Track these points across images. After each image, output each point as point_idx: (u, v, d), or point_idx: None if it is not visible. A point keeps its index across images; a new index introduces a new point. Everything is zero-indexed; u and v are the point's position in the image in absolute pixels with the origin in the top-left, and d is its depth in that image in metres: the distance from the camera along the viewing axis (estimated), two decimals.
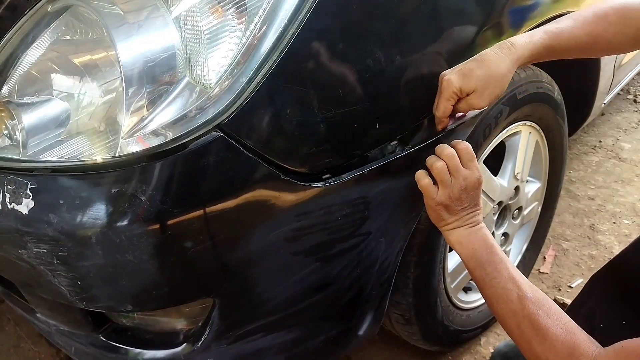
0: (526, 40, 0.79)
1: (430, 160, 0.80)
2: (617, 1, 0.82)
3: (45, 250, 0.69)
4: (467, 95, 0.78)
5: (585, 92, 1.49)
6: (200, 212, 0.65)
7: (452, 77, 0.77)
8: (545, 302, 0.71)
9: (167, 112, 0.66)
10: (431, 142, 0.83)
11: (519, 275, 0.76)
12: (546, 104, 1.20)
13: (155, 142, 0.65)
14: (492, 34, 0.89)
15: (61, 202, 0.67)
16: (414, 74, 0.80)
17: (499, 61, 0.77)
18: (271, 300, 0.79)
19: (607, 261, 0.92)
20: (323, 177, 0.74)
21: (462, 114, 0.86)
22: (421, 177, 0.81)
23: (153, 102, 0.66)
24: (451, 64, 0.83)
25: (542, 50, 0.80)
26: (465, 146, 0.80)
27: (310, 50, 0.69)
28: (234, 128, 0.66)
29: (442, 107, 0.79)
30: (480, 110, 0.88)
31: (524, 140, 1.22)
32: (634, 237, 1.77)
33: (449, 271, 1.16)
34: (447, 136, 0.86)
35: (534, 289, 0.73)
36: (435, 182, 0.80)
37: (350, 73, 0.72)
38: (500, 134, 1.13)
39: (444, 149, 0.80)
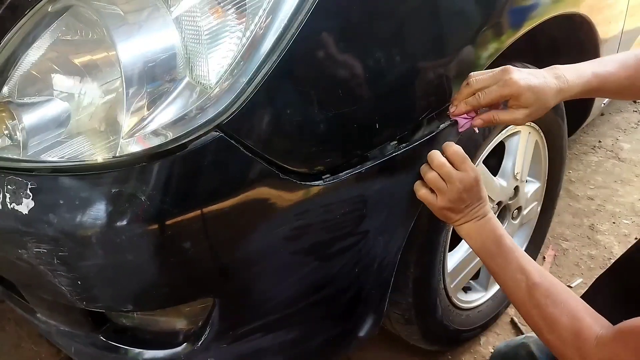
0: (577, 81, 0.80)
1: (423, 171, 0.82)
2: None
3: (45, 250, 0.69)
4: (512, 105, 0.78)
5: None
6: (200, 211, 0.65)
7: (521, 82, 0.76)
8: (553, 290, 0.72)
9: (167, 112, 0.66)
10: (427, 140, 0.83)
11: (528, 263, 0.77)
12: None
13: (155, 142, 0.65)
14: (492, 34, 0.89)
15: (61, 202, 0.67)
16: (414, 74, 0.80)
17: (554, 94, 0.78)
18: (271, 299, 0.79)
19: (611, 262, 0.92)
20: (322, 176, 0.74)
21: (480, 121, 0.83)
22: (418, 188, 0.83)
23: (153, 102, 0.66)
24: (451, 63, 0.83)
25: (585, 92, 0.81)
26: (454, 150, 0.81)
27: (310, 50, 0.69)
28: (234, 128, 0.66)
29: (494, 99, 0.77)
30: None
31: (524, 140, 1.22)
32: (634, 236, 1.77)
33: (448, 271, 1.16)
34: (443, 135, 0.86)
35: (543, 276, 0.74)
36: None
37: (350, 73, 0.72)
38: (500, 134, 1.14)
39: (433, 159, 0.81)
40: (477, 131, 0.87)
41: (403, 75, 0.78)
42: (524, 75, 0.77)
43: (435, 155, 0.81)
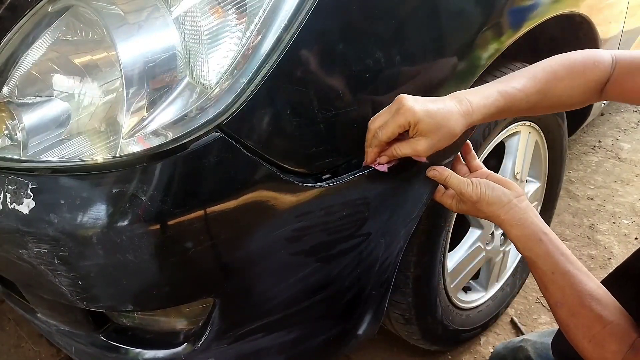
0: (482, 102, 0.75)
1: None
2: (561, 56, 0.82)
3: (46, 250, 0.69)
4: (413, 136, 0.73)
5: None
6: (200, 212, 0.65)
7: (416, 108, 0.70)
8: (576, 311, 0.71)
9: (168, 113, 0.66)
10: None
11: (560, 272, 0.74)
12: None
13: (155, 142, 0.65)
14: (492, 34, 0.89)
15: (62, 202, 0.67)
16: (413, 74, 0.80)
17: (458, 119, 0.73)
18: (271, 300, 0.79)
19: (611, 262, 0.92)
20: (323, 177, 0.74)
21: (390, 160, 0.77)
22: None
23: (153, 102, 0.66)
24: (451, 63, 0.83)
25: (495, 114, 0.77)
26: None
27: (310, 50, 0.69)
28: (234, 128, 0.66)
29: (391, 131, 0.72)
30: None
31: (524, 140, 1.22)
32: (634, 236, 1.77)
33: (448, 271, 1.17)
34: None
35: (568, 295, 0.72)
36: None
37: (350, 73, 0.72)
38: (500, 134, 1.14)
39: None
40: (387, 171, 0.78)
41: (403, 76, 0.78)
42: (419, 102, 0.71)
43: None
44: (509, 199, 0.79)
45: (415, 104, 0.71)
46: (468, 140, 0.91)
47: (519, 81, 0.78)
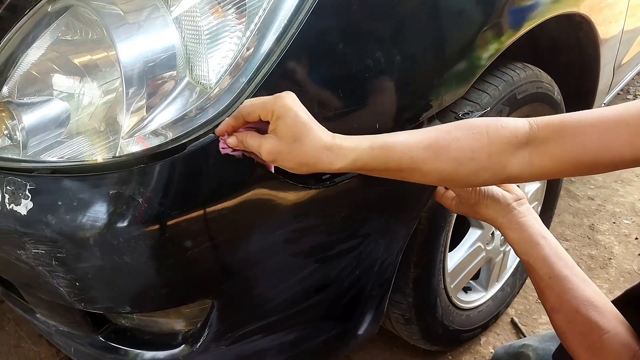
0: (350, 143, 0.63)
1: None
2: (458, 121, 0.68)
3: (43, 252, 0.69)
4: (270, 131, 0.61)
5: (585, 92, 1.49)
6: (199, 213, 0.65)
7: (290, 105, 0.60)
8: (571, 317, 0.70)
9: (167, 113, 0.66)
10: None
11: (556, 276, 0.73)
12: (546, 104, 1.20)
13: (155, 142, 0.65)
14: (492, 33, 0.89)
15: (60, 203, 0.67)
16: (413, 74, 0.79)
17: (317, 142, 0.61)
18: (270, 301, 0.79)
19: (611, 263, 0.91)
20: (323, 178, 0.74)
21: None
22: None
23: (153, 102, 0.66)
24: (451, 63, 0.83)
25: (367, 164, 0.63)
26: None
27: (310, 50, 0.69)
28: None
29: (253, 108, 0.61)
30: None
31: None
32: (634, 236, 1.77)
33: (448, 271, 1.16)
34: None
35: (564, 300, 0.71)
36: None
37: (349, 73, 0.72)
38: None
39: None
40: (229, 153, 0.66)
41: (403, 75, 0.78)
42: (298, 105, 0.61)
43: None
44: (508, 203, 0.79)
45: (292, 102, 0.61)
46: None
47: (401, 135, 0.65)
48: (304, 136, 0.60)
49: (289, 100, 0.60)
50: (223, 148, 0.65)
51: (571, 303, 0.70)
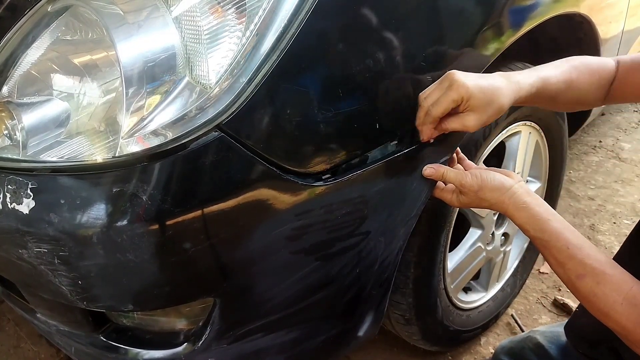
0: (527, 81, 0.79)
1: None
2: (576, 57, 0.88)
3: (46, 250, 0.69)
4: (464, 110, 0.75)
5: None
6: (200, 211, 0.65)
7: (468, 83, 0.73)
8: (600, 278, 0.70)
9: (167, 112, 0.66)
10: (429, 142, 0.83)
11: (574, 249, 0.73)
12: None
13: (155, 142, 0.65)
14: (492, 33, 0.89)
15: (62, 201, 0.67)
16: (414, 73, 0.80)
17: (507, 95, 0.76)
18: (271, 299, 0.79)
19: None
20: (323, 176, 0.74)
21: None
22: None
23: (153, 102, 0.66)
24: (451, 63, 0.83)
25: (533, 94, 0.80)
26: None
27: (310, 50, 0.69)
28: (234, 128, 0.66)
29: (445, 107, 0.75)
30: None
31: (524, 140, 1.22)
32: None
33: (448, 271, 1.16)
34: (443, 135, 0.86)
35: (587, 264, 0.71)
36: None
37: (350, 73, 0.72)
38: (500, 134, 1.14)
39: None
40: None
41: (403, 75, 0.78)
42: (470, 78, 0.74)
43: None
44: (511, 184, 0.79)
45: (466, 80, 0.73)
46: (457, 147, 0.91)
47: (549, 70, 0.83)
48: (493, 96, 0.75)
49: (463, 79, 0.73)
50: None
51: (595, 265, 0.70)
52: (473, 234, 1.22)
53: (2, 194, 0.71)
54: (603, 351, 0.94)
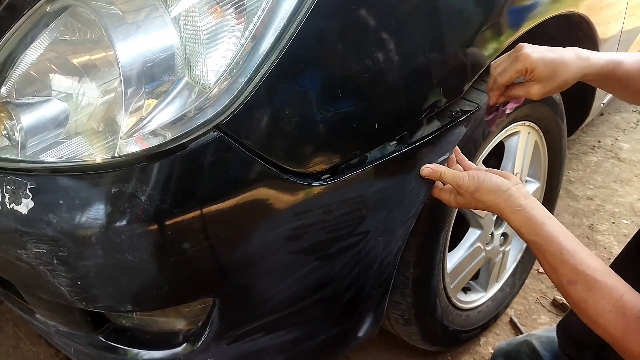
0: (596, 58, 0.82)
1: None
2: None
3: (44, 251, 0.69)
4: (529, 80, 0.81)
5: (584, 91, 1.49)
6: (199, 211, 0.65)
7: (534, 56, 0.78)
8: (591, 285, 0.70)
9: (166, 113, 0.66)
10: (426, 140, 0.83)
11: (567, 255, 0.74)
12: (545, 104, 1.20)
13: (154, 142, 0.65)
14: (491, 33, 0.89)
15: (61, 202, 0.67)
16: (413, 74, 0.80)
17: (573, 71, 0.80)
18: (271, 299, 0.79)
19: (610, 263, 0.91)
20: (322, 176, 0.74)
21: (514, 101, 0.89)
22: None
23: (152, 102, 0.66)
24: (450, 63, 0.83)
25: (603, 74, 0.83)
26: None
27: (309, 50, 0.69)
28: (233, 128, 0.66)
29: (509, 76, 0.81)
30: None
31: (523, 140, 1.22)
32: None
33: (448, 271, 1.16)
34: (443, 135, 0.86)
35: (580, 271, 0.72)
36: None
37: (349, 73, 0.72)
38: (499, 134, 1.14)
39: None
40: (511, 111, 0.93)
41: (402, 75, 0.78)
42: (538, 50, 0.79)
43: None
44: (508, 186, 0.79)
45: (532, 52, 0.79)
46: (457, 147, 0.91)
47: (624, 55, 0.86)
48: (558, 70, 0.80)
49: (529, 51, 0.79)
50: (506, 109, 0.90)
51: (587, 272, 0.70)
52: (472, 234, 1.22)
53: (1, 195, 0.71)
54: (589, 357, 0.94)
